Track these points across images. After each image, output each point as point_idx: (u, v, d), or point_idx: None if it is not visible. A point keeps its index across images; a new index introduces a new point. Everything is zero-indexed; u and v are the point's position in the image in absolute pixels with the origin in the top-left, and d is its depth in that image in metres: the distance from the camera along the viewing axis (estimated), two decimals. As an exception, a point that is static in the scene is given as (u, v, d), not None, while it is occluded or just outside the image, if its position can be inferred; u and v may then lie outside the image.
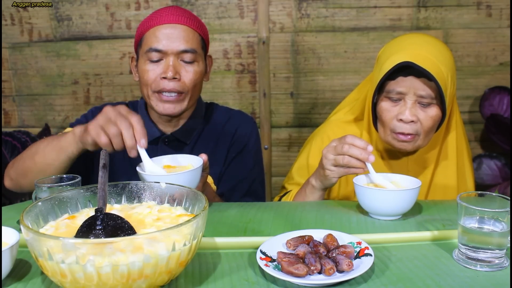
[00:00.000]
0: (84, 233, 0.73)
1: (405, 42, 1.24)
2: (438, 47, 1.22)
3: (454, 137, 1.32)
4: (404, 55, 1.18)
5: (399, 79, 1.20)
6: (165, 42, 1.27)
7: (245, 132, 1.45)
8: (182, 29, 1.28)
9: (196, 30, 1.31)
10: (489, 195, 0.86)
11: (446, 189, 1.32)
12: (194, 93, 1.33)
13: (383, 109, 1.23)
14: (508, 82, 2.26)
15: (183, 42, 1.28)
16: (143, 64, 1.30)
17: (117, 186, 0.91)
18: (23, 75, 2.38)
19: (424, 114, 1.20)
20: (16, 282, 0.78)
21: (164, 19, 1.28)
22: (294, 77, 2.30)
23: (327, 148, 1.15)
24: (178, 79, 1.28)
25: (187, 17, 1.31)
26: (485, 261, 0.81)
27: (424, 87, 1.18)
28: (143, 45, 1.30)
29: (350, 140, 1.10)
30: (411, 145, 1.23)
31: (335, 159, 1.12)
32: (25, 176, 1.23)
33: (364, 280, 0.77)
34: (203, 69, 1.34)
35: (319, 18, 2.24)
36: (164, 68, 1.27)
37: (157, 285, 0.71)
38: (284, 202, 1.28)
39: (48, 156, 1.17)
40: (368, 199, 1.05)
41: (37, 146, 1.22)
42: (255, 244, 0.89)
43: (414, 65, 1.15)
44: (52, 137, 1.22)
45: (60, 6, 2.28)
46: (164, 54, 1.27)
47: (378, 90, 1.25)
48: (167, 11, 1.31)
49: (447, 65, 1.19)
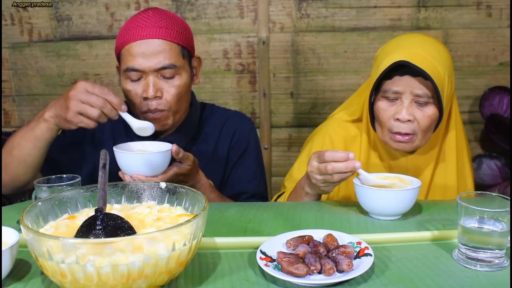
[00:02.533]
0: (84, 233, 0.73)
1: (402, 41, 1.24)
2: (435, 46, 1.22)
3: (454, 137, 1.32)
4: (400, 54, 1.18)
5: (395, 78, 1.20)
6: (141, 61, 1.21)
7: (243, 134, 1.44)
8: (158, 44, 1.21)
9: (174, 41, 1.23)
10: (489, 195, 0.86)
11: (446, 189, 1.31)
12: (179, 106, 1.30)
13: (380, 108, 1.23)
14: (508, 82, 2.26)
15: (161, 59, 1.21)
16: (124, 83, 1.27)
17: (117, 186, 0.91)
18: (23, 75, 2.38)
19: (421, 113, 1.19)
20: (16, 282, 0.78)
21: (138, 34, 1.21)
22: (294, 77, 2.30)
23: (310, 168, 1.12)
24: (160, 96, 1.24)
25: (163, 27, 1.23)
26: (485, 261, 0.81)
27: (420, 86, 1.18)
28: (121, 63, 1.27)
29: (331, 157, 1.06)
30: (408, 145, 1.22)
31: (324, 179, 1.10)
32: (5, 172, 1.23)
33: (364, 280, 0.77)
34: (187, 80, 1.29)
35: (319, 18, 2.24)
36: (144, 87, 1.23)
37: (157, 285, 0.71)
38: (284, 202, 1.28)
39: (24, 147, 1.19)
40: (368, 199, 1.05)
41: (11, 141, 1.22)
42: (255, 244, 0.89)
43: (410, 64, 1.15)
44: (23, 129, 1.22)
45: (60, 6, 2.28)
46: (143, 72, 1.23)
47: (375, 90, 1.25)
48: (141, 22, 1.23)
49: (444, 64, 1.19)
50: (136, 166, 1.11)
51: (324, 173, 1.08)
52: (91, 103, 1.10)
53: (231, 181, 1.42)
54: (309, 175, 1.13)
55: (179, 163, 1.18)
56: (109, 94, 1.12)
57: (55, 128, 1.17)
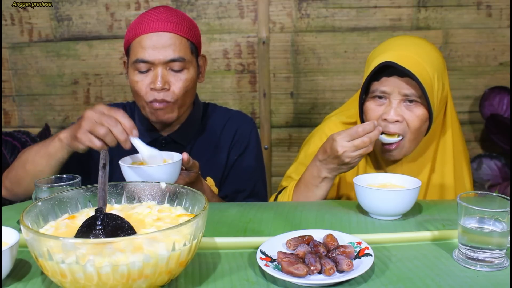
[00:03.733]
0: (84, 233, 0.73)
1: (392, 43, 1.25)
2: (424, 47, 1.22)
3: (450, 137, 1.31)
4: (387, 56, 1.19)
5: (382, 79, 1.21)
6: (151, 52, 1.23)
7: (245, 133, 1.45)
8: (169, 37, 1.24)
9: (184, 36, 1.26)
10: (489, 195, 0.86)
11: (444, 189, 1.31)
12: (185, 100, 1.31)
13: (368, 109, 1.24)
14: (508, 82, 2.26)
15: (170, 51, 1.24)
16: (132, 74, 1.28)
17: (117, 186, 0.91)
18: (23, 75, 2.38)
19: (409, 113, 1.20)
20: (16, 282, 0.78)
21: (150, 27, 1.24)
22: (294, 77, 2.30)
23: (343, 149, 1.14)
24: (167, 89, 1.26)
25: (174, 22, 1.26)
26: (485, 261, 0.81)
27: (407, 87, 1.18)
28: (131, 55, 1.28)
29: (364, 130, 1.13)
30: (397, 152, 1.23)
31: (361, 153, 1.15)
32: (18, 185, 1.26)
33: (364, 280, 0.77)
34: (194, 75, 1.31)
35: (319, 18, 2.24)
36: (153, 78, 1.25)
37: (157, 285, 0.71)
38: (284, 202, 1.27)
39: (38, 164, 1.20)
40: (368, 199, 1.05)
41: (26, 155, 1.25)
42: (255, 244, 0.89)
43: (396, 65, 1.16)
44: (38, 145, 1.24)
45: (60, 6, 2.28)
46: (152, 64, 1.24)
47: (365, 91, 1.25)
48: (153, 17, 1.26)
49: (433, 64, 1.19)
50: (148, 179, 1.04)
51: (362, 147, 1.13)
52: (102, 122, 1.09)
53: (230, 179, 1.42)
54: (343, 155, 1.15)
55: (186, 170, 1.17)
56: (122, 117, 1.10)
57: (67, 148, 1.17)
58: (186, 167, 1.15)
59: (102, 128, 1.07)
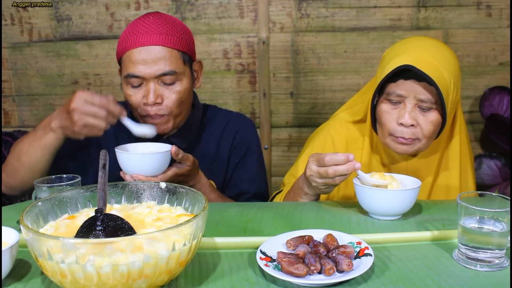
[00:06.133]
0: (84, 234, 0.73)
1: (409, 44, 1.23)
2: (442, 51, 1.20)
3: (458, 142, 1.30)
4: (406, 58, 1.16)
5: (399, 82, 1.18)
6: (142, 68, 1.22)
7: (245, 135, 1.45)
8: (159, 51, 1.22)
9: (174, 48, 1.24)
10: (489, 195, 0.86)
11: (449, 191, 1.30)
12: (180, 110, 1.31)
13: (382, 111, 1.22)
14: (508, 82, 2.26)
15: (161, 65, 1.22)
16: (125, 88, 1.28)
17: (117, 186, 0.91)
18: (23, 75, 2.38)
19: (423, 118, 1.18)
20: (16, 282, 0.78)
21: (139, 41, 1.22)
22: (294, 77, 2.30)
23: (310, 172, 1.11)
24: (160, 103, 1.25)
25: (164, 33, 1.23)
26: (485, 261, 0.81)
27: (424, 92, 1.16)
28: (122, 69, 1.28)
29: (331, 161, 1.06)
30: (411, 147, 1.21)
31: (325, 182, 1.10)
32: (14, 178, 1.27)
33: (364, 280, 0.77)
34: (187, 85, 1.29)
35: (319, 18, 2.24)
36: (145, 93, 1.25)
37: (157, 285, 0.71)
38: (284, 202, 1.27)
39: (33, 155, 1.22)
40: (368, 199, 1.05)
41: (20, 147, 1.25)
42: (255, 244, 0.89)
43: (415, 69, 1.14)
44: (29, 136, 1.25)
45: (60, 6, 2.28)
46: (143, 79, 1.24)
47: (378, 92, 1.24)
48: (142, 28, 1.24)
49: (450, 70, 1.17)
50: (136, 166, 1.14)
51: (325, 177, 1.08)
52: (94, 114, 1.14)
53: (233, 182, 1.42)
54: (309, 178, 1.12)
55: (179, 163, 1.19)
56: (109, 104, 1.15)
57: (62, 138, 1.21)
58: (177, 159, 1.17)
59: (100, 121, 1.15)
